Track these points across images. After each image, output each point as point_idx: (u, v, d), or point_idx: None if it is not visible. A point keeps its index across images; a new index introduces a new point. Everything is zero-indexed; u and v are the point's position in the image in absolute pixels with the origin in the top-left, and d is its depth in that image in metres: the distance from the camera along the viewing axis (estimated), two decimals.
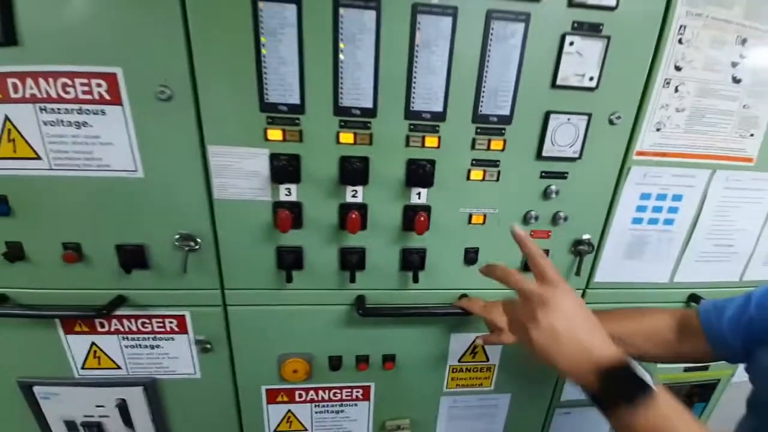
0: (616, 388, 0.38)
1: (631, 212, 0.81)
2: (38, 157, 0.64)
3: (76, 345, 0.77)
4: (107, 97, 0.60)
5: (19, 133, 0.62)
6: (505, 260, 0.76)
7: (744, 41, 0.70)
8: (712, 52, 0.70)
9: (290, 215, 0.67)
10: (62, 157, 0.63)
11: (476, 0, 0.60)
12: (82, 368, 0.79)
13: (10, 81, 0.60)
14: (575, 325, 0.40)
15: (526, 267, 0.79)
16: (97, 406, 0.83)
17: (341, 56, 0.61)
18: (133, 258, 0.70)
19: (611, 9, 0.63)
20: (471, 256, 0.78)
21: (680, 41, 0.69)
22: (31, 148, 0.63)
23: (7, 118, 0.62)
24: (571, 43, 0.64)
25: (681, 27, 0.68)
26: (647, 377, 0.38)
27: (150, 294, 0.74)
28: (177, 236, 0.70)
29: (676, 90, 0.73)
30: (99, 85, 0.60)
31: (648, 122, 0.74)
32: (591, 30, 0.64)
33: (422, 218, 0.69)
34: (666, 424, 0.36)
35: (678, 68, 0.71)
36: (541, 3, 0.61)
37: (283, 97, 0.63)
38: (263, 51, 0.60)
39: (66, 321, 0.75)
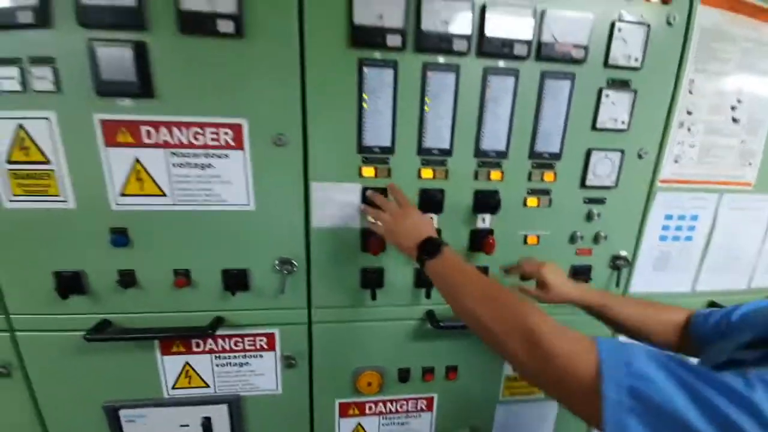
0: (423, 249, 0.65)
1: (658, 230, 0.95)
2: (163, 194, 0.73)
3: (171, 365, 0.84)
4: (232, 143, 0.72)
5: (148, 173, 0.72)
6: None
7: (740, 89, 0.88)
8: (715, 99, 0.87)
9: (379, 239, 0.78)
10: (185, 194, 0.73)
11: (533, 63, 0.75)
12: (173, 388, 0.85)
13: (143, 128, 0.70)
14: (412, 224, 0.69)
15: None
16: (182, 426, 0.88)
17: (426, 108, 0.74)
18: (236, 281, 0.79)
19: (637, 69, 0.79)
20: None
21: (690, 92, 0.85)
22: (158, 186, 0.73)
23: (137, 160, 0.72)
24: (607, 96, 0.80)
25: (690, 80, 0.84)
26: (442, 242, 0.65)
27: (247, 314, 0.82)
28: (277, 261, 0.79)
29: (689, 130, 0.89)
30: (226, 134, 0.71)
31: (668, 156, 0.89)
32: (621, 85, 0.80)
33: (491, 240, 0.81)
34: (449, 263, 0.62)
35: (689, 113, 0.88)
36: (582, 65, 0.77)
37: (376, 141, 0.75)
38: (365, 105, 0.73)
39: (164, 342, 0.82)
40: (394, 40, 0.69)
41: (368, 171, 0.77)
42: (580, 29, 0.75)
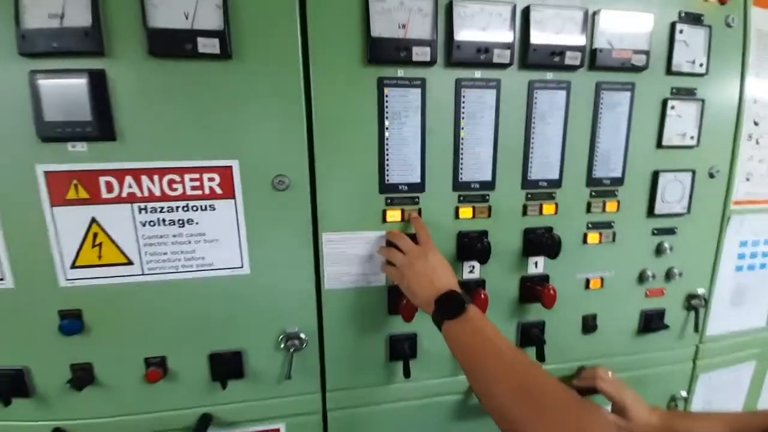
0: (441, 306, 0.52)
1: (734, 260, 0.81)
2: (129, 262, 0.57)
3: None
4: (219, 191, 0.56)
5: (109, 236, 0.56)
6: (624, 323, 0.75)
7: None
8: None
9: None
10: (159, 259, 0.57)
11: (586, 73, 0.63)
12: None
13: (103, 180, 0.55)
14: (430, 269, 0.55)
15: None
16: None
17: (462, 133, 0.61)
18: (228, 367, 0.60)
19: (702, 75, 0.68)
20: (589, 324, 0.73)
21: (755, 100, 0.74)
22: (122, 252, 0.56)
23: (94, 221, 0.56)
24: (673, 107, 0.68)
25: (754, 87, 0.73)
26: (465, 297, 0.52)
27: (243, 407, 0.63)
28: (282, 336, 0.62)
29: (757, 142, 0.77)
30: (211, 179, 0.56)
31: (740, 173, 0.77)
32: (687, 94, 0.68)
33: (551, 291, 0.65)
34: (475, 330, 0.49)
35: (756, 123, 0.76)
36: (642, 73, 0.65)
37: (403, 177, 0.60)
38: (387, 134, 0.59)
39: None
40: (421, 54, 0.56)
41: (394, 214, 0.61)
42: (640, 32, 0.63)
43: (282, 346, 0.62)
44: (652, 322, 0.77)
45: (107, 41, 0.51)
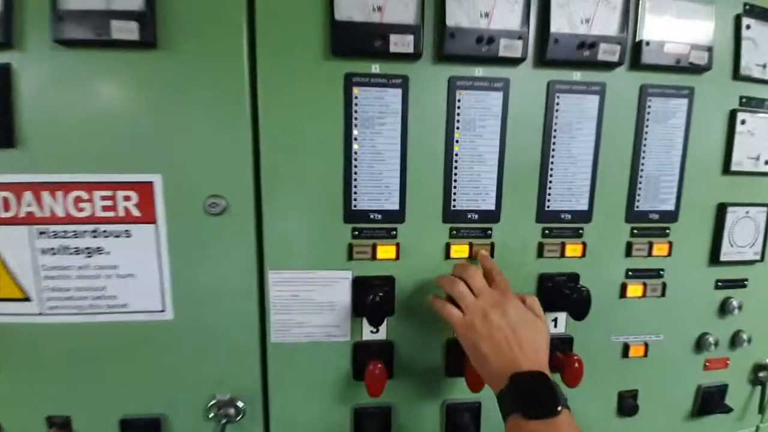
0: (519, 392, 0.37)
1: None
2: (26, 298, 0.45)
3: None
4: (136, 213, 0.45)
5: (4, 264, 0.46)
6: (674, 403, 0.57)
7: None
8: None
9: (383, 370, 0.47)
10: (60, 296, 0.45)
11: (627, 73, 0.48)
12: None
13: None
14: (510, 331, 0.40)
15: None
16: None
17: (456, 147, 0.47)
18: None
19: None
20: (628, 403, 0.56)
21: None
22: (17, 284, 0.45)
23: None
24: (743, 122, 0.52)
25: None
26: (560, 393, 0.37)
27: None
28: (212, 402, 0.49)
29: None
30: (127, 198, 0.44)
31: None
32: (760, 106, 0.52)
33: (576, 364, 0.48)
34: None
35: None
36: (703, 76, 0.50)
37: (376, 202, 0.47)
38: (356, 146, 0.46)
39: None
40: (401, 44, 0.43)
41: (363, 249, 0.47)
42: (700, 21, 0.48)
43: (211, 415, 0.49)
44: (711, 401, 0.58)
45: (17, 30, 0.42)
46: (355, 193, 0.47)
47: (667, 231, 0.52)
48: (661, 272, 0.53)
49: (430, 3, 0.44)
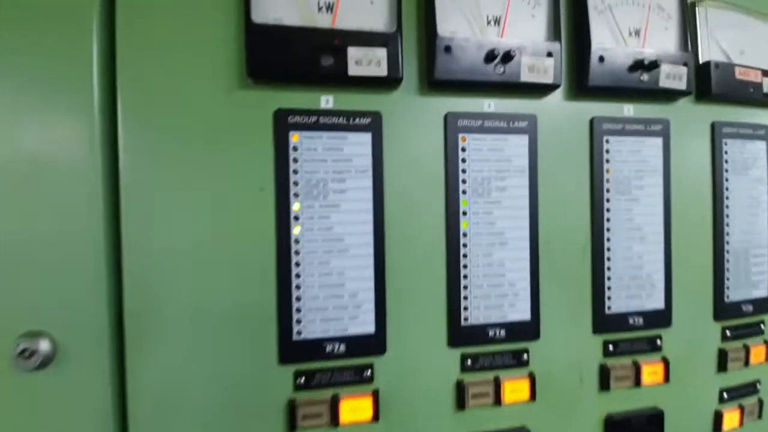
0: None
1: None
2: None
3: None
4: None
5: None
6: None
7: None
8: None
9: None
10: None
11: (693, 108, 0.35)
12: None
13: None
14: None
15: None
16: None
17: (464, 224, 0.30)
18: None
19: None
20: None
21: None
22: None
23: None
24: None
25: None
26: None
27: None
28: None
29: None
30: None
31: None
32: None
33: None
34: None
35: None
36: None
37: (336, 326, 0.27)
38: (295, 229, 0.28)
39: None
40: (368, 62, 0.27)
41: (315, 410, 0.26)
42: None
43: None
44: None
45: None
46: (299, 311, 0.28)
47: (762, 326, 0.38)
48: (758, 385, 0.38)
49: (411, 4, 0.29)
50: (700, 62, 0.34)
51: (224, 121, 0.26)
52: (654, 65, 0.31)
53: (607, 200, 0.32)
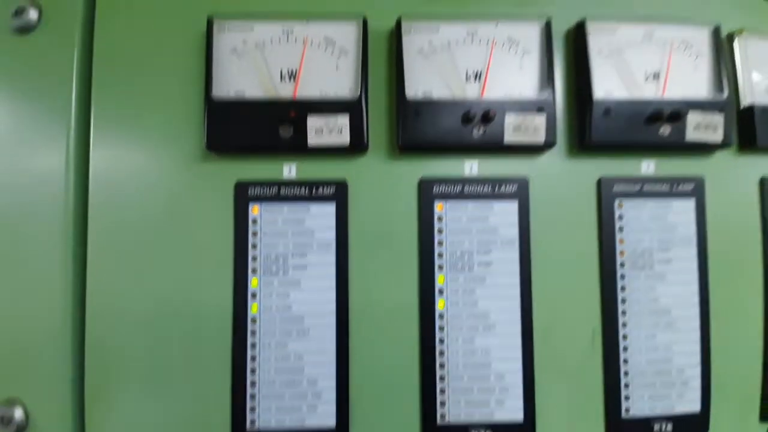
0: None
1: None
2: None
3: None
4: None
5: None
6: None
7: None
8: None
9: None
10: None
11: (732, 161, 0.28)
12: None
13: None
14: None
15: None
16: None
17: (440, 304, 0.26)
18: None
19: None
20: None
21: None
22: None
23: None
24: None
25: None
26: None
27: None
28: None
29: None
30: None
31: None
32: None
33: None
34: None
35: None
36: None
37: (290, 418, 0.25)
38: (252, 308, 0.26)
39: None
40: (330, 131, 0.26)
41: None
42: None
43: None
44: None
45: None
46: (253, 398, 0.25)
47: None
48: None
49: (379, 61, 0.27)
50: (742, 107, 0.28)
51: (186, 194, 0.26)
52: (676, 116, 0.26)
53: (622, 277, 0.27)
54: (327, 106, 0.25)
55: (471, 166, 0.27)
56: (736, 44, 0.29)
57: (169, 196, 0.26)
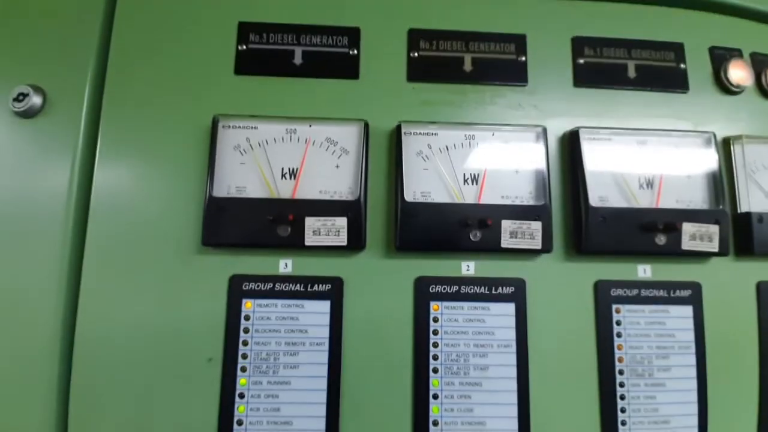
0: None
1: None
2: None
3: None
4: None
5: None
6: None
7: None
8: None
9: None
10: None
11: (728, 267, 0.28)
12: None
13: None
14: None
15: None
16: None
17: (435, 409, 0.26)
18: None
19: None
20: None
21: None
22: None
23: None
24: None
25: None
26: None
27: None
28: None
29: None
30: None
31: None
32: None
33: None
34: None
35: None
36: None
37: None
38: (238, 410, 0.24)
39: None
40: (327, 231, 0.25)
41: None
42: None
43: None
44: None
45: None
46: None
47: None
48: None
49: (379, 164, 0.28)
50: (739, 212, 0.29)
51: (181, 285, 0.26)
52: (671, 228, 0.26)
53: (621, 385, 0.26)
54: (326, 208, 0.25)
55: (468, 267, 0.27)
56: (733, 150, 0.30)
57: (166, 287, 0.26)
